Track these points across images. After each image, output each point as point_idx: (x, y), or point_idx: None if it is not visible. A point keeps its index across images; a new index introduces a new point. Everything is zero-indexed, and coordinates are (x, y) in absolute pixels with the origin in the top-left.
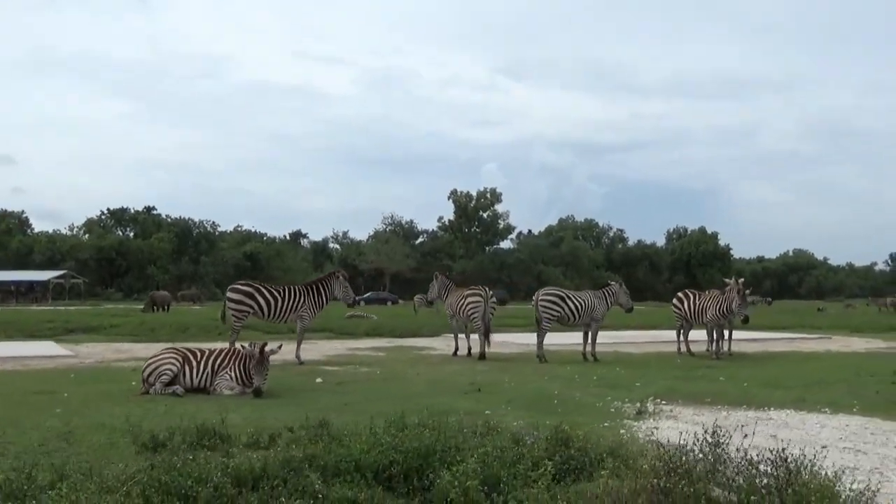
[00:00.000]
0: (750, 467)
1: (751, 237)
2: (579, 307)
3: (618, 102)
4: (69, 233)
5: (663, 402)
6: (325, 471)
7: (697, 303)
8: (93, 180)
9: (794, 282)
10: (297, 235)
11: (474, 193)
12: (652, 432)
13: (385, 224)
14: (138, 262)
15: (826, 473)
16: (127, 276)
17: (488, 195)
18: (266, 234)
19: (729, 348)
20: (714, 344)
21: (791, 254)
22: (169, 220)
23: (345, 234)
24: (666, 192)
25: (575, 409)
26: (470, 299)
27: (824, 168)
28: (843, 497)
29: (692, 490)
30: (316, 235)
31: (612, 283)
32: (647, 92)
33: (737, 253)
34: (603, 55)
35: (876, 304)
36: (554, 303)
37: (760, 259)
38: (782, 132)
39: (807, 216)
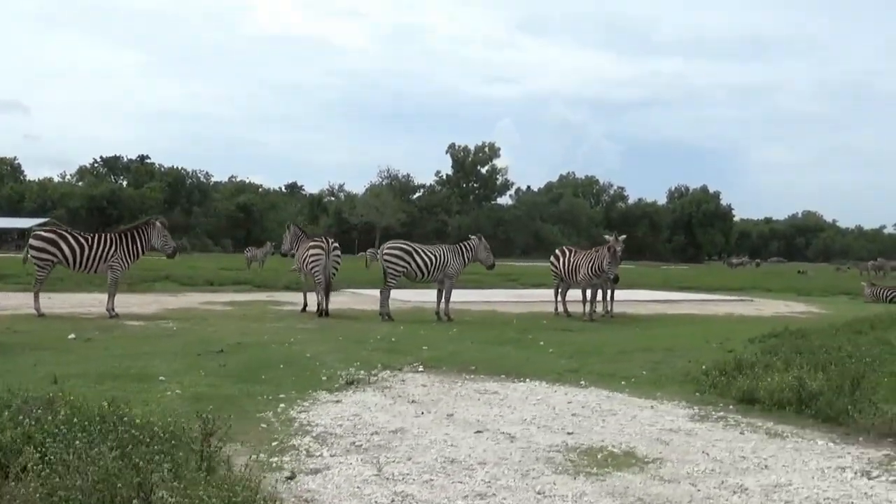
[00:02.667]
0: None
1: (762, 198)
2: (429, 263)
3: (636, 60)
4: (62, 180)
5: (420, 368)
6: None
7: (572, 260)
8: (103, 129)
9: (801, 244)
10: (293, 187)
11: (472, 148)
12: (310, 409)
13: (381, 178)
14: (129, 210)
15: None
16: (118, 225)
17: (486, 149)
18: (261, 185)
19: (610, 309)
20: (588, 305)
21: (800, 215)
22: (162, 169)
23: (341, 186)
24: (680, 151)
25: (286, 377)
26: (311, 251)
27: (841, 130)
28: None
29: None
30: (319, 188)
31: (472, 237)
32: (666, 50)
33: (746, 214)
34: (623, 12)
35: (857, 267)
36: (399, 257)
37: (768, 220)
38: (801, 94)
39: (819, 178)
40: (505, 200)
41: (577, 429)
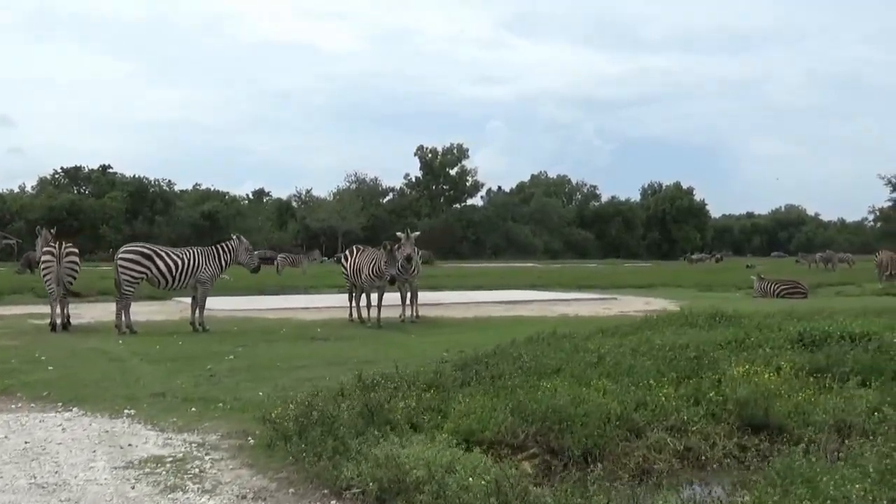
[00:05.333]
0: None
1: (750, 193)
2: (174, 268)
3: (625, 58)
4: (21, 192)
5: None
6: None
7: (357, 261)
8: (89, 141)
9: (783, 238)
10: (260, 193)
11: (440, 149)
12: None
13: (348, 182)
14: (90, 222)
15: None
16: (78, 237)
17: (455, 151)
18: (228, 192)
19: (413, 313)
20: (357, 309)
21: (783, 209)
22: (123, 178)
23: (308, 191)
24: (668, 148)
25: None
26: (42, 258)
27: (828, 123)
28: None
29: None
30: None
31: (233, 237)
32: (655, 47)
33: (730, 209)
34: (609, 9)
35: (806, 260)
36: (136, 262)
37: (750, 215)
38: (789, 87)
39: (805, 171)
40: (476, 201)
41: None
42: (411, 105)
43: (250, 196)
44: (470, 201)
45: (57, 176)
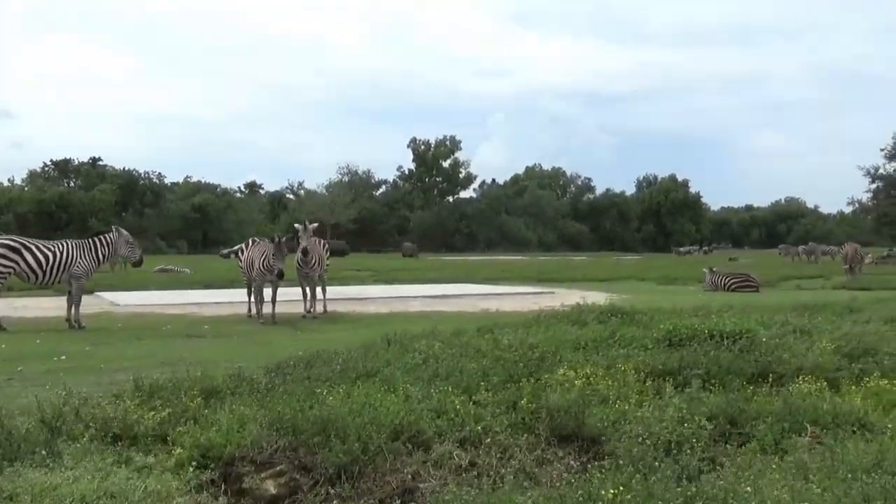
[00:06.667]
0: None
1: (750, 185)
2: (44, 262)
3: (626, 52)
4: (10, 185)
5: None
6: None
7: (249, 254)
8: (90, 136)
9: (783, 230)
10: (252, 186)
11: (433, 141)
12: None
13: (340, 174)
14: (80, 215)
15: None
16: (68, 230)
17: (447, 143)
18: (219, 185)
19: (315, 307)
20: (257, 305)
21: (783, 202)
22: (113, 171)
23: (300, 184)
24: (670, 142)
25: None
26: None
27: (830, 117)
28: None
29: None
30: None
31: (113, 229)
32: (657, 41)
33: (730, 202)
34: (610, 3)
35: (788, 252)
36: (2, 256)
37: (749, 207)
38: (789, 80)
39: (807, 165)
40: (470, 194)
41: None
42: (412, 99)
43: (242, 189)
44: (463, 194)
45: (46, 169)
